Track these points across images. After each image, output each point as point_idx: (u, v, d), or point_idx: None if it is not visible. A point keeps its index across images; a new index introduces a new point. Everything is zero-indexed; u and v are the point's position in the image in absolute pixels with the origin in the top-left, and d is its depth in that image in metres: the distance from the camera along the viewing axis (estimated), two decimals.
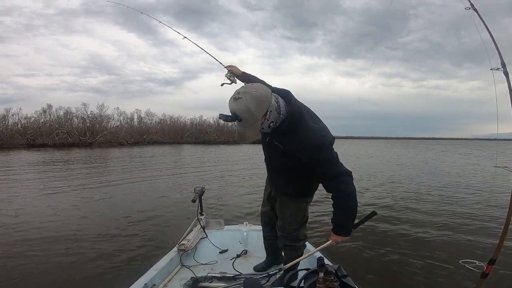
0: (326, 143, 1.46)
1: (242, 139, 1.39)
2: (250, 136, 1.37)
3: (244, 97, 1.27)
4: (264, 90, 1.33)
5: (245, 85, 1.37)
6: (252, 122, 1.31)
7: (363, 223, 1.75)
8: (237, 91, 1.31)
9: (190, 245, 2.40)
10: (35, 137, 41.52)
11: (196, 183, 9.25)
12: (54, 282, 3.19)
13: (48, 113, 49.29)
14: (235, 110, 1.28)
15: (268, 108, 1.33)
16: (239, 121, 1.30)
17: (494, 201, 7.03)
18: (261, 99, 1.30)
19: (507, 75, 2.09)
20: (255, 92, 1.29)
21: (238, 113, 1.28)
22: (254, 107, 1.28)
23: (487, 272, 1.84)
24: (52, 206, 6.54)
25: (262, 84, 1.92)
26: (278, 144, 1.51)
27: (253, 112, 1.28)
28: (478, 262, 1.85)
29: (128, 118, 61.90)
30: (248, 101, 1.27)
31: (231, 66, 2.16)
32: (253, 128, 1.34)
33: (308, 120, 1.45)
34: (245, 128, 1.34)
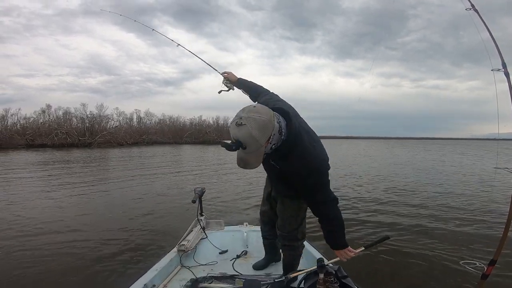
0: (321, 169, 1.47)
1: (245, 166, 1.31)
2: (253, 162, 1.30)
3: (248, 123, 1.20)
4: (267, 114, 1.25)
5: (247, 108, 1.27)
6: (256, 148, 1.24)
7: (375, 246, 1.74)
8: (239, 115, 1.23)
9: (190, 245, 2.39)
10: (34, 138, 41.51)
11: (196, 184, 9.25)
12: (53, 282, 3.18)
13: (47, 114, 49.36)
14: (238, 138, 1.20)
15: (271, 132, 1.26)
16: (243, 149, 1.23)
17: (494, 202, 7.02)
18: (265, 124, 1.22)
19: (508, 76, 2.08)
20: (258, 117, 1.22)
21: (242, 141, 1.20)
22: (259, 133, 1.21)
23: (487, 273, 1.84)
24: (51, 206, 6.54)
25: (260, 88, 1.95)
26: (274, 164, 1.52)
27: (257, 139, 1.21)
28: (478, 263, 1.84)
29: (127, 118, 61.99)
30: (252, 128, 1.19)
31: (226, 72, 2.14)
32: (257, 154, 1.27)
33: (306, 142, 1.43)
34: (248, 155, 1.27)
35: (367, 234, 4.65)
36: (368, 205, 6.77)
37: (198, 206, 2.68)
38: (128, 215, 5.72)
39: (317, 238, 4.16)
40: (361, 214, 5.96)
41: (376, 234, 4.62)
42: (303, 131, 1.44)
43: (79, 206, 6.56)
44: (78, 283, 3.15)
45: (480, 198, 7.55)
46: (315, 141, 1.51)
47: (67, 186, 9.20)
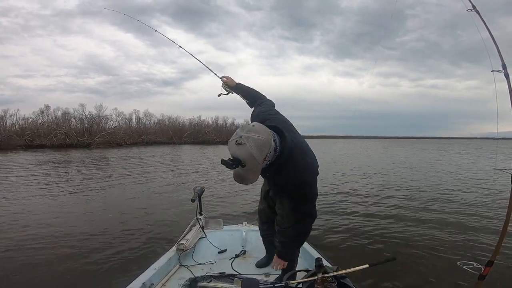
0: (312, 182, 1.58)
1: (242, 181, 1.37)
2: (251, 178, 1.36)
3: (247, 142, 1.27)
4: (265, 133, 1.34)
5: (246, 127, 1.35)
6: (254, 166, 1.31)
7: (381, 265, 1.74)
8: (239, 134, 1.30)
9: (189, 244, 2.39)
10: (33, 138, 41.36)
11: (195, 183, 9.25)
12: (52, 281, 3.17)
13: (46, 114, 49.19)
14: (238, 156, 1.27)
15: (268, 150, 1.35)
16: (242, 166, 1.29)
17: (492, 203, 7.02)
18: (263, 143, 1.31)
19: (507, 77, 2.08)
20: (257, 137, 1.30)
21: (241, 159, 1.27)
22: (257, 152, 1.28)
23: (484, 274, 1.83)
24: (51, 206, 6.53)
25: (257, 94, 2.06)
26: (268, 175, 1.66)
27: (256, 157, 1.28)
28: (476, 263, 1.83)
29: (126, 119, 61.81)
30: (251, 147, 1.27)
31: (225, 77, 2.20)
32: (254, 171, 1.34)
33: (298, 156, 1.51)
34: (247, 172, 1.32)
35: (367, 234, 4.65)
36: (367, 204, 6.79)
37: (197, 205, 2.67)
38: (127, 214, 5.73)
39: (315, 238, 4.18)
40: (361, 213, 5.97)
41: (373, 236, 4.62)
42: (295, 146, 1.52)
43: (78, 206, 6.56)
44: (77, 282, 3.15)
45: (478, 199, 7.55)
46: (307, 155, 1.60)
47: (65, 186, 9.20)
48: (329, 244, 4.15)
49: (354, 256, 3.78)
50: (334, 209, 6.22)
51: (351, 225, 5.11)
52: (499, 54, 2.14)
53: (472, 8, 2.34)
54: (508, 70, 2.07)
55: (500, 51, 2.15)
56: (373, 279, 2.92)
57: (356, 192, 8.32)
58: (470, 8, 2.34)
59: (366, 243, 4.28)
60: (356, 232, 4.76)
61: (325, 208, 6.24)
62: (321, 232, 4.65)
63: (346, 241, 4.34)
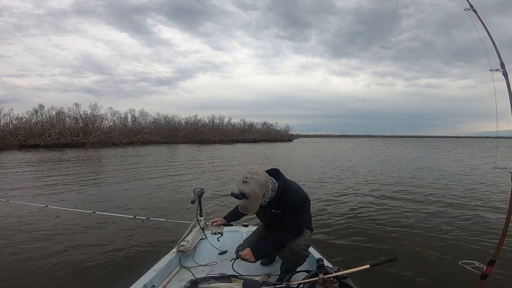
0: (306, 205, 2.01)
1: (245, 211, 1.88)
2: (252, 209, 1.83)
3: (251, 182, 1.79)
4: (264, 177, 1.85)
5: (251, 171, 1.86)
6: (255, 199, 1.80)
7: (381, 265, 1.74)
8: (245, 176, 1.83)
9: (189, 246, 2.38)
10: (27, 138, 40.90)
11: (194, 184, 9.20)
12: (52, 283, 3.13)
13: (40, 114, 48.74)
14: (243, 191, 1.78)
15: (267, 189, 1.85)
16: (246, 199, 1.78)
17: (493, 202, 7.03)
18: (263, 184, 1.82)
19: (506, 76, 2.09)
20: (258, 178, 1.81)
21: (246, 193, 1.77)
22: (258, 189, 1.79)
23: (486, 273, 1.84)
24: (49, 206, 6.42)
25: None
26: (275, 211, 1.97)
27: (257, 193, 1.78)
28: (477, 263, 1.84)
29: (121, 118, 61.50)
30: (254, 185, 1.78)
31: (215, 221, 2.41)
32: (255, 203, 1.81)
33: (291, 187, 1.98)
34: (249, 203, 1.80)
35: (367, 234, 4.66)
36: (367, 204, 6.80)
37: (198, 207, 2.66)
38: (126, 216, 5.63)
39: (316, 239, 4.18)
40: (361, 213, 5.98)
41: (373, 236, 4.62)
42: (287, 183, 1.98)
43: (76, 207, 6.46)
44: (77, 284, 3.11)
45: (479, 198, 7.55)
46: (297, 189, 2.03)
47: (63, 186, 9.09)
48: (330, 245, 4.14)
49: (354, 257, 3.77)
50: (334, 210, 6.20)
51: (351, 226, 5.09)
52: (497, 53, 2.14)
53: (469, 7, 2.35)
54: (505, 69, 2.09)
55: (498, 50, 2.16)
56: (374, 279, 2.91)
57: (356, 192, 8.32)
58: (468, 7, 2.35)
59: (366, 243, 4.26)
60: (357, 232, 4.74)
61: (325, 208, 6.24)
62: (322, 233, 4.63)
63: (346, 241, 4.33)
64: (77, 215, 5.68)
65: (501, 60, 2.12)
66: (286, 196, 1.92)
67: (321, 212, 5.91)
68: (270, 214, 2.01)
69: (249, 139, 71.10)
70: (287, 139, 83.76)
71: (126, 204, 6.74)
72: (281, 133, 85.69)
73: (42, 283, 3.15)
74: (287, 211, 1.94)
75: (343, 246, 4.14)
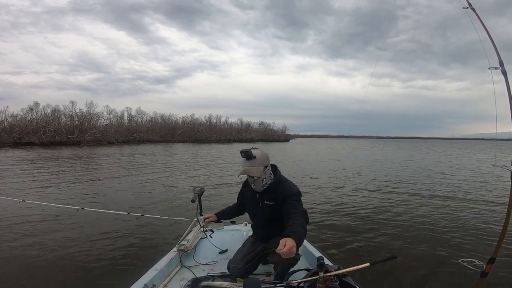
0: (298, 192, 2.04)
1: (248, 172, 1.97)
2: (253, 171, 1.96)
3: (259, 149, 2.03)
4: (267, 154, 2.06)
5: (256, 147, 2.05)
6: (260, 164, 1.98)
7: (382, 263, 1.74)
8: (253, 147, 2.04)
9: (190, 245, 2.37)
10: (21, 136, 40.44)
11: (194, 183, 9.15)
12: (52, 282, 3.11)
13: (35, 111, 48.22)
14: (251, 152, 1.97)
15: (268, 164, 2.03)
16: (252, 159, 1.97)
17: (493, 200, 7.08)
18: (266, 156, 2.04)
19: (505, 74, 2.09)
20: (263, 155, 2.02)
21: (254, 154, 1.98)
22: (264, 157, 2.01)
23: (486, 271, 1.85)
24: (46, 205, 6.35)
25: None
26: (267, 202, 2.03)
27: (263, 158, 2.00)
28: (477, 261, 1.86)
29: (118, 117, 61.02)
30: (262, 152, 2.03)
31: (206, 217, 2.43)
32: (258, 167, 1.97)
33: (286, 180, 2.11)
34: (253, 165, 1.96)
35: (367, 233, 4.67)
36: (367, 203, 6.84)
37: (198, 206, 2.64)
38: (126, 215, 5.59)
39: (316, 237, 4.18)
40: (361, 212, 6.01)
41: (374, 234, 4.63)
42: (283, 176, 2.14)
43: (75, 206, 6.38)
44: (77, 283, 3.07)
45: (478, 196, 7.62)
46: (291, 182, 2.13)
47: (60, 185, 9.00)
48: (330, 243, 4.14)
49: (355, 255, 3.78)
50: (335, 209, 6.22)
51: (351, 224, 5.11)
52: (496, 52, 2.15)
53: (468, 5, 2.35)
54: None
55: (497, 48, 2.16)
56: (375, 277, 2.92)
57: (356, 191, 8.36)
58: (466, 6, 2.35)
59: (366, 241, 4.28)
60: (357, 231, 4.76)
61: (326, 208, 6.25)
62: (322, 231, 4.65)
63: (347, 240, 4.33)
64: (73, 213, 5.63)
65: (500, 58, 2.12)
66: (282, 187, 2.01)
67: (321, 211, 5.93)
68: (262, 205, 2.04)
69: (246, 139, 70.99)
70: (284, 139, 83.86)
71: (124, 203, 6.68)
72: (278, 133, 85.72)
73: (39, 281, 3.11)
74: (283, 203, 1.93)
75: (343, 245, 4.14)
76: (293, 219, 1.79)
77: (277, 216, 1.98)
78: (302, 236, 1.72)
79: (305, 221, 1.89)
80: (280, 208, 1.94)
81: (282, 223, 1.90)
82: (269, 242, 2.08)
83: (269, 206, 2.02)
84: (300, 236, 1.68)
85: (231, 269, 2.08)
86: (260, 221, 2.16)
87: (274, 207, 1.99)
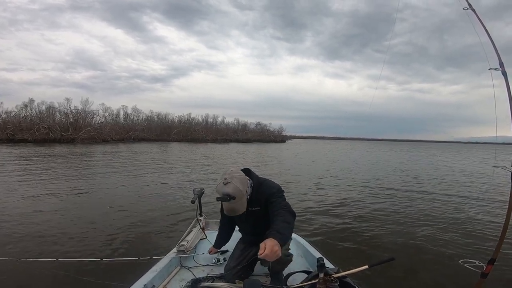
0: (280, 188, 1.95)
1: (234, 213, 1.75)
2: (240, 208, 1.75)
3: (233, 181, 1.71)
4: (242, 174, 1.82)
5: (227, 171, 1.78)
6: (241, 197, 1.72)
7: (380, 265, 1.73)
8: (224, 176, 1.73)
9: (190, 246, 2.35)
10: (15, 132, 39.93)
11: (193, 183, 9.10)
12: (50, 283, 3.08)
13: (30, 108, 47.65)
14: (228, 192, 1.67)
15: (248, 185, 1.82)
16: (233, 199, 1.67)
17: (492, 200, 7.14)
18: (243, 180, 1.77)
19: (505, 75, 2.10)
20: (238, 176, 1.76)
21: (231, 193, 1.67)
22: (241, 186, 1.73)
23: (486, 272, 1.86)
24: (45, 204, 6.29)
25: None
26: (253, 209, 1.89)
27: (241, 190, 1.72)
28: (478, 262, 1.86)
29: (113, 115, 60.57)
30: (237, 183, 1.71)
31: (210, 251, 2.39)
32: (242, 202, 1.74)
33: (266, 180, 1.99)
34: (236, 203, 1.71)
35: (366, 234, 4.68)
36: (365, 204, 6.85)
37: (198, 207, 2.63)
38: (125, 215, 5.54)
39: (316, 239, 4.18)
40: (359, 213, 6.02)
41: (372, 236, 4.64)
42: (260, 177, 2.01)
43: (75, 206, 6.30)
44: (75, 283, 3.02)
45: (478, 197, 7.67)
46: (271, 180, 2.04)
47: (58, 186, 8.87)
48: (328, 245, 4.14)
49: (353, 257, 3.78)
50: (333, 211, 6.21)
51: (350, 226, 5.11)
52: (496, 52, 2.15)
53: (468, 6, 2.36)
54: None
55: (497, 49, 2.17)
56: (374, 279, 2.93)
57: (355, 193, 8.37)
58: (466, 7, 2.36)
59: (365, 243, 4.28)
60: (355, 232, 4.76)
61: (324, 210, 6.24)
62: (321, 233, 4.65)
63: (345, 242, 4.33)
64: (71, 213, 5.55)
65: (500, 59, 2.13)
66: (263, 189, 1.90)
67: (319, 213, 5.92)
68: (249, 213, 1.91)
69: (243, 139, 70.91)
70: (281, 140, 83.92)
71: (123, 204, 6.55)
72: (275, 134, 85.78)
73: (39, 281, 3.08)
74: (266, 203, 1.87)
75: (341, 247, 4.14)
76: (275, 216, 1.73)
77: (265, 219, 1.88)
78: (285, 232, 1.61)
79: (288, 214, 1.74)
80: (266, 210, 1.87)
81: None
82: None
83: (255, 212, 1.92)
84: (281, 232, 1.57)
85: (226, 276, 2.01)
86: (249, 227, 2.10)
87: (261, 212, 1.90)
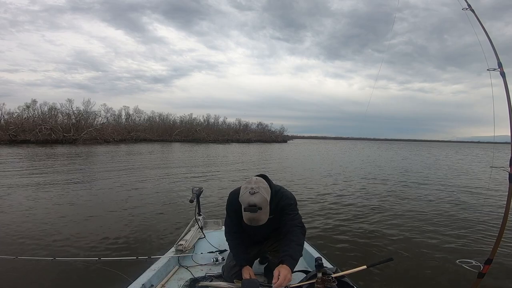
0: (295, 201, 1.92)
1: (257, 222, 1.67)
2: (264, 218, 1.68)
3: (260, 191, 1.66)
4: (266, 183, 1.76)
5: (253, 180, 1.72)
6: (266, 207, 1.67)
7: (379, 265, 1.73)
8: (250, 186, 1.67)
9: (188, 245, 2.36)
10: (17, 133, 40.10)
11: (192, 183, 9.11)
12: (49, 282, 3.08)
13: (32, 109, 47.90)
14: (255, 203, 1.62)
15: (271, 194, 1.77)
16: (260, 210, 1.62)
17: (490, 201, 7.11)
18: (268, 190, 1.74)
19: (503, 76, 2.10)
20: (263, 185, 1.72)
21: (259, 204, 1.62)
22: (268, 196, 1.69)
23: (483, 272, 1.86)
24: (44, 204, 6.31)
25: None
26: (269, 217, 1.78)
27: (267, 200, 1.68)
28: (475, 261, 1.86)
29: (115, 115, 60.81)
30: (264, 194, 1.66)
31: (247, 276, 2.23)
32: (266, 211, 1.67)
33: (281, 189, 1.92)
34: (262, 214, 1.65)
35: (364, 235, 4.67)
36: (364, 204, 6.83)
37: (196, 206, 2.63)
38: (124, 215, 5.55)
39: (314, 239, 4.18)
40: (358, 214, 6.01)
41: (371, 236, 4.63)
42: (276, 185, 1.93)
43: (73, 205, 6.32)
44: (74, 283, 3.04)
45: (476, 197, 7.64)
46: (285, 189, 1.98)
47: (55, 184, 8.93)
48: (327, 245, 4.14)
49: (352, 257, 3.78)
50: (332, 211, 6.20)
51: (349, 226, 5.10)
52: (495, 53, 2.15)
53: (467, 7, 2.36)
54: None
55: (495, 50, 2.17)
56: (372, 278, 2.93)
57: (353, 193, 8.35)
58: (466, 7, 2.36)
59: (363, 243, 4.27)
60: (354, 232, 4.75)
61: (323, 210, 6.23)
62: (320, 233, 4.65)
63: (344, 242, 4.33)
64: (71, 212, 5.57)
65: (498, 59, 2.13)
66: (279, 197, 1.85)
67: (318, 213, 5.91)
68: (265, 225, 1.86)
69: (244, 139, 70.96)
70: (282, 140, 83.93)
71: (122, 203, 6.59)
72: (276, 134, 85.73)
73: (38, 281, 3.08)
74: (281, 213, 1.85)
75: (340, 247, 4.13)
76: (290, 234, 1.76)
77: (275, 226, 1.90)
78: (298, 257, 1.73)
79: (302, 234, 1.80)
80: (278, 218, 1.86)
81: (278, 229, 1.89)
82: (264, 243, 2.07)
83: (270, 219, 1.84)
84: (295, 258, 1.70)
85: (225, 276, 2.00)
86: (258, 234, 2.05)
87: (274, 219, 1.86)
